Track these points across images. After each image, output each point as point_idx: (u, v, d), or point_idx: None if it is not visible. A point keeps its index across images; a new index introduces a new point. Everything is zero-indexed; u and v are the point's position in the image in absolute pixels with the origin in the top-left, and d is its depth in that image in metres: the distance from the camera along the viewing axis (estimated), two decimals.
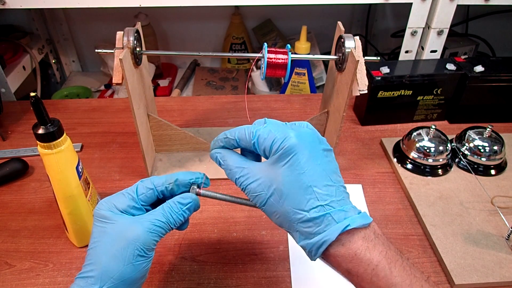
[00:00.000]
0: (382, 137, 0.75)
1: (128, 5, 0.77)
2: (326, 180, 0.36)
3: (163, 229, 0.39)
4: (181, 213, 0.40)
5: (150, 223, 0.39)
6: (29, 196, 0.62)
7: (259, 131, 0.39)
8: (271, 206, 0.37)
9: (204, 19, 1.17)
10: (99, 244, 0.38)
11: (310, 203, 0.35)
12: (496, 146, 0.66)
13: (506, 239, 0.55)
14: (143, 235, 0.38)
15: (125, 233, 0.38)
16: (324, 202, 0.35)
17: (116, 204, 0.40)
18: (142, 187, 0.41)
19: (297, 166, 0.36)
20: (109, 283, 0.37)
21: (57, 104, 0.86)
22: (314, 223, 0.35)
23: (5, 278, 0.50)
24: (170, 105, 0.85)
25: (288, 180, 0.36)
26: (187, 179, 0.43)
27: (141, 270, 0.38)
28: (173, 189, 0.42)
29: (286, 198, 0.36)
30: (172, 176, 0.42)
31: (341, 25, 0.58)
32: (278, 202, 0.37)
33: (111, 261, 0.37)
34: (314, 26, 1.11)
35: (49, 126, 0.45)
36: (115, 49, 0.53)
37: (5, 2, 0.75)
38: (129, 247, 0.37)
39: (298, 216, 0.36)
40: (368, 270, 0.34)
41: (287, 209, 0.36)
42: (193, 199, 0.41)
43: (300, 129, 0.38)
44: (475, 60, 0.77)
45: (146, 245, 0.38)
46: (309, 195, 0.35)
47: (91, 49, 1.22)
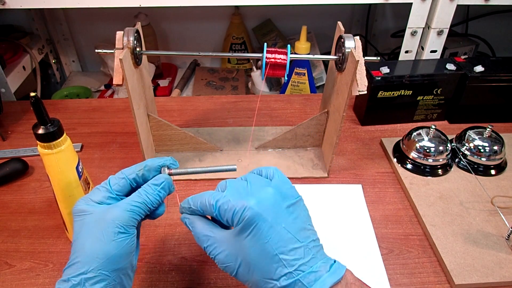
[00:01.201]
0: (382, 137, 0.75)
1: (128, 5, 0.77)
2: (293, 242, 0.36)
3: (141, 209, 0.40)
4: (156, 193, 0.41)
5: (127, 204, 0.40)
6: (29, 196, 0.62)
7: (218, 202, 0.39)
8: (242, 276, 0.38)
9: (204, 19, 1.17)
10: (81, 234, 0.39)
11: (279, 271, 0.35)
12: (496, 146, 0.66)
13: (506, 239, 0.55)
14: (121, 213, 0.39)
15: (103, 216, 0.39)
16: (293, 268, 0.35)
17: (92, 198, 0.41)
18: (113, 178, 0.43)
19: (260, 235, 0.36)
20: (96, 263, 0.37)
21: (57, 104, 0.86)
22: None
23: (5, 278, 0.50)
24: (170, 105, 0.85)
25: (253, 251, 0.36)
26: (156, 163, 0.44)
27: (125, 246, 0.38)
28: (144, 175, 0.43)
29: (254, 269, 0.36)
30: (141, 164, 0.44)
31: (341, 25, 0.58)
32: (247, 273, 0.37)
33: (93, 243, 0.38)
34: (314, 26, 1.11)
35: (49, 126, 0.45)
36: (115, 49, 0.53)
37: (5, 2, 0.75)
38: (109, 226, 0.38)
39: (269, 285, 0.36)
40: None
41: (256, 279, 0.37)
42: (165, 178, 0.42)
43: (260, 193, 0.38)
44: (475, 60, 0.77)
45: (125, 222, 0.39)
46: (276, 264, 0.36)
47: (91, 49, 1.22)
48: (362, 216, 0.60)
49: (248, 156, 0.70)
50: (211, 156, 0.70)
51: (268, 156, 0.70)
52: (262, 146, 0.71)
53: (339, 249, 0.54)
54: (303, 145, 0.71)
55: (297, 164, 0.68)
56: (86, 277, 0.36)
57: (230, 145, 0.72)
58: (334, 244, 0.55)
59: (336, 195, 0.63)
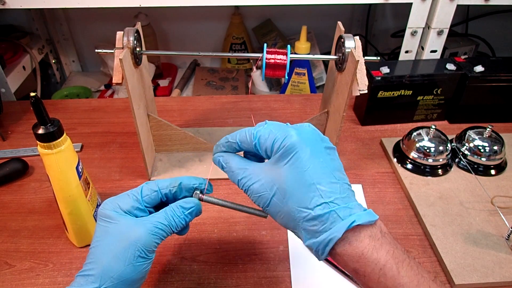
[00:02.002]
0: (382, 137, 0.75)
1: (128, 5, 0.77)
2: (330, 177, 0.36)
3: (165, 232, 0.40)
4: (183, 217, 0.41)
5: (152, 225, 0.39)
6: (29, 196, 0.62)
7: (259, 132, 0.39)
8: (275, 206, 0.37)
9: (204, 19, 1.17)
10: (101, 244, 0.39)
11: (314, 200, 0.35)
12: (496, 146, 0.66)
13: (506, 239, 0.55)
14: (144, 236, 0.38)
15: (127, 234, 0.38)
16: (328, 199, 0.35)
17: (120, 204, 0.40)
18: (147, 189, 0.42)
19: (299, 164, 0.36)
20: (109, 282, 0.37)
21: (57, 104, 0.86)
22: (319, 220, 0.34)
23: (5, 278, 0.50)
24: (170, 105, 0.85)
25: (291, 178, 0.36)
26: (190, 184, 0.43)
27: (141, 271, 0.39)
28: (176, 192, 0.42)
29: (290, 196, 0.36)
30: (176, 180, 0.43)
31: (341, 25, 0.58)
32: (282, 202, 0.36)
33: (112, 261, 0.37)
34: (314, 26, 1.11)
35: (49, 126, 0.45)
36: (115, 49, 0.53)
37: (5, 2, 0.75)
38: (130, 247, 0.38)
39: (303, 214, 0.35)
40: (375, 270, 0.33)
41: (291, 208, 0.36)
42: (195, 203, 0.42)
43: (301, 128, 0.38)
44: (475, 60, 0.77)
45: (147, 247, 0.38)
46: (313, 193, 0.35)
47: (91, 49, 1.22)
48: None
49: None
50: (211, 156, 0.69)
51: None
52: None
53: None
54: None
55: None
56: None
57: None
58: None
59: None
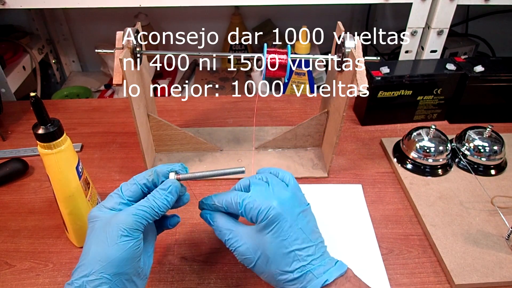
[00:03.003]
0: (382, 137, 0.75)
1: (128, 5, 0.77)
2: (307, 242, 0.42)
3: (147, 213, 0.41)
4: (163, 197, 0.42)
5: (133, 208, 0.41)
6: (29, 196, 0.62)
7: (245, 201, 0.43)
8: (259, 267, 0.42)
9: (204, 19, 1.17)
10: (89, 239, 0.40)
11: (294, 264, 0.41)
12: (496, 146, 0.66)
13: (506, 239, 0.55)
14: (126, 217, 0.40)
15: (109, 221, 0.40)
16: (306, 262, 0.41)
17: (105, 205, 0.42)
18: (125, 185, 0.44)
19: (281, 233, 0.41)
20: (97, 266, 0.37)
21: (57, 104, 0.86)
22: (298, 281, 0.41)
23: (5, 278, 0.50)
24: (170, 105, 0.85)
25: (273, 246, 0.41)
26: (164, 169, 0.45)
27: (128, 249, 0.39)
28: (153, 180, 0.44)
29: (272, 261, 0.41)
30: (151, 170, 0.45)
31: (341, 25, 0.58)
32: (265, 265, 0.42)
33: (97, 246, 0.39)
34: (314, 26, 1.11)
35: (49, 126, 0.45)
36: (115, 49, 0.53)
37: (5, 2, 0.75)
38: (112, 229, 0.39)
39: (284, 276, 0.41)
40: None
41: (273, 271, 0.41)
42: (172, 182, 0.44)
43: (281, 195, 0.43)
44: (475, 60, 0.77)
45: (129, 225, 0.39)
46: (292, 258, 0.41)
47: (91, 49, 1.22)
48: (362, 216, 0.60)
49: (248, 156, 0.70)
50: (211, 156, 0.70)
51: (268, 156, 0.70)
52: (262, 146, 0.71)
53: (340, 249, 0.54)
54: (303, 145, 0.71)
55: (297, 164, 0.68)
56: (88, 280, 0.37)
57: (230, 145, 0.72)
58: (335, 244, 0.55)
59: (336, 195, 0.63)
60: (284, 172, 0.47)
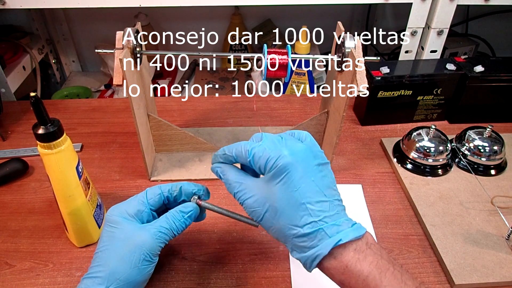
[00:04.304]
0: (382, 137, 0.75)
1: (128, 5, 0.77)
2: (320, 196, 0.38)
3: (167, 236, 0.42)
4: (183, 221, 0.44)
5: (155, 230, 0.42)
6: (29, 196, 0.62)
7: (254, 149, 0.40)
8: (267, 221, 0.39)
9: (204, 19, 1.17)
10: (108, 248, 0.41)
11: (304, 219, 0.37)
12: (496, 146, 0.66)
13: (506, 239, 0.55)
14: (149, 240, 0.41)
15: (132, 238, 0.41)
16: (317, 218, 0.37)
17: (127, 209, 0.43)
18: (151, 192, 0.45)
19: (291, 184, 0.37)
20: (115, 284, 0.39)
21: (57, 104, 0.86)
22: (308, 238, 0.37)
23: (5, 278, 0.50)
24: (170, 105, 0.85)
25: (282, 197, 0.38)
26: (190, 189, 0.46)
27: (145, 273, 0.41)
28: (176, 196, 0.45)
29: (281, 214, 0.38)
30: (177, 184, 0.46)
31: (341, 25, 0.58)
32: (274, 218, 0.38)
33: (118, 264, 0.40)
34: (314, 26, 1.11)
35: (49, 126, 0.45)
36: (115, 49, 0.53)
37: (5, 2, 0.75)
38: (136, 251, 0.40)
39: (293, 231, 0.37)
40: (359, 281, 0.35)
41: (282, 225, 0.38)
42: (193, 207, 0.45)
43: (294, 146, 0.40)
44: (475, 60, 0.77)
45: (152, 250, 0.41)
46: (303, 212, 0.37)
47: (91, 49, 1.22)
48: (362, 216, 0.60)
49: None
50: (211, 156, 0.69)
51: None
52: None
53: None
54: None
55: None
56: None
57: None
58: None
59: None
60: (301, 131, 0.44)
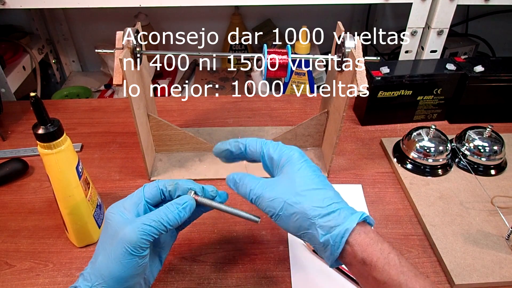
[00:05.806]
0: (382, 137, 0.75)
1: (128, 5, 0.77)
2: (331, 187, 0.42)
3: (155, 228, 0.40)
4: (177, 212, 0.42)
5: (140, 223, 0.40)
6: (29, 196, 0.62)
7: (269, 143, 0.44)
8: (289, 209, 0.40)
9: (204, 19, 1.17)
10: (100, 242, 0.41)
11: (326, 201, 0.39)
12: (496, 146, 0.66)
13: (506, 239, 0.55)
14: (130, 233, 0.39)
15: (116, 232, 0.39)
16: (337, 200, 0.40)
17: (124, 204, 0.42)
18: (148, 186, 0.44)
19: (310, 167, 0.42)
20: (100, 279, 0.38)
21: (57, 104, 0.86)
22: (333, 216, 0.38)
23: (5, 278, 0.50)
24: (170, 105, 0.85)
25: (304, 182, 0.40)
26: (186, 185, 0.45)
27: (131, 268, 0.39)
28: (171, 191, 0.44)
29: (304, 197, 0.39)
30: (174, 180, 0.45)
31: (341, 25, 0.58)
32: (296, 204, 0.39)
33: (103, 259, 0.39)
34: (314, 26, 1.11)
35: (49, 126, 0.45)
36: (115, 49, 0.53)
37: (5, 2, 0.75)
38: (118, 245, 0.39)
39: (317, 212, 0.39)
40: (381, 258, 0.37)
41: (306, 207, 0.39)
42: (189, 199, 0.43)
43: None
44: (475, 60, 0.77)
45: (133, 243, 0.38)
46: (323, 195, 0.40)
47: (91, 49, 1.22)
48: None
49: None
50: (211, 156, 0.69)
51: None
52: None
53: None
54: (303, 145, 0.71)
55: None
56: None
57: None
58: None
59: None
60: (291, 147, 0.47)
